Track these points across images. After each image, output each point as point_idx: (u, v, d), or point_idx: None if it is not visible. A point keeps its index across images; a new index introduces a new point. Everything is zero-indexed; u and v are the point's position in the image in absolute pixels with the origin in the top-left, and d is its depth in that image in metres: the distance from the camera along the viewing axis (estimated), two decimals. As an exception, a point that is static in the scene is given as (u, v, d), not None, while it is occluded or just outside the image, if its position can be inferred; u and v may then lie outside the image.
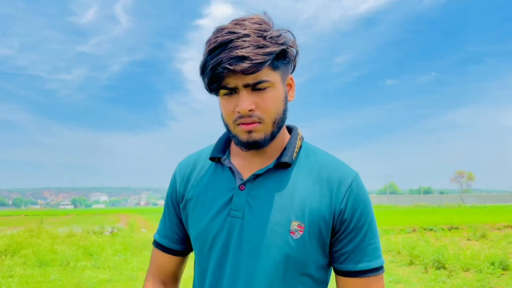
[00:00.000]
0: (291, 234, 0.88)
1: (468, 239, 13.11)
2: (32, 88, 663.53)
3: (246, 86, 0.86)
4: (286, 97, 0.94)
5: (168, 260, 1.10)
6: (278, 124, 0.92)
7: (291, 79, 0.98)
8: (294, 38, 0.93)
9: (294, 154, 0.96)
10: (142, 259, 9.71)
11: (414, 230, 15.35)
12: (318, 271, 0.94)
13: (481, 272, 7.09)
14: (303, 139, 1.02)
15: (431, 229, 15.66)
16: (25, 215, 43.05)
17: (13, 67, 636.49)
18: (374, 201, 71.96)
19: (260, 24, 0.88)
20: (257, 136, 0.89)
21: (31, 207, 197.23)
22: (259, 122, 0.88)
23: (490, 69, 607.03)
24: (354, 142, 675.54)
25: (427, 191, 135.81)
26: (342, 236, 0.91)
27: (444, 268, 7.82)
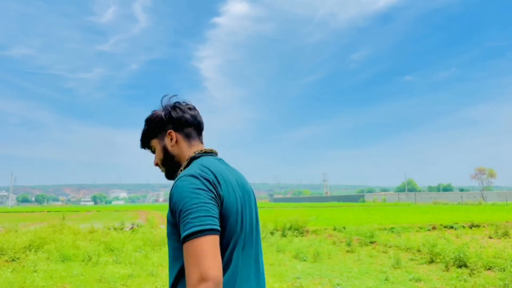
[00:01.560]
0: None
1: (490, 237, 12.87)
2: (53, 87, 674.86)
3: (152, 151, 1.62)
4: (165, 147, 1.52)
5: None
6: (169, 164, 1.53)
7: (170, 133, 1.51)
8: (171, 107, 1.53)
9: (179, 172, 1.47)
10: (161, 254, 9.83)
11: (433, 228, 15.13)
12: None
13: (504, 270, 6.96)
14: (193, 159, 1.47)
15: (452, 227, 15.41)
16: (47, 211, 43.96)
17: (34, 67, 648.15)
18: (392, 198, 70.91)
19: (149, 115, 1.58)
20: (164, 173, 1.57)
21: (53, 203, 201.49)
22: (159, 167, 1.58)
23: (511, 64, 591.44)
24: (371, 140, 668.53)
25: (447, 189, 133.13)
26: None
27: (466, 266, 7.71)
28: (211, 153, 1.52)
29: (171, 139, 1.51)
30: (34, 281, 6.94)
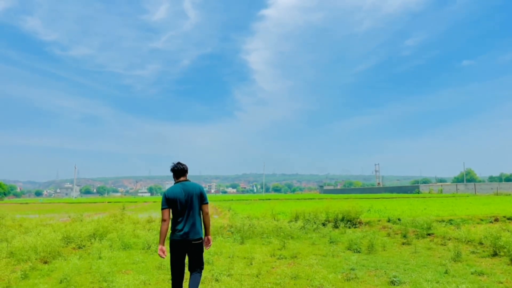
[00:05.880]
0: None
1: (561, 231, 11.99)
2: (111, 84, 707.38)
3: None
4: None
5: None
6: None
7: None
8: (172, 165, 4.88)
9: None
10: (216, 243, 10.09)
11: (496, 220, 14.34)
12: None
13: None
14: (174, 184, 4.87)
15: (517, 219, 14.50)
16: (108, 202, 46.45)
17: (94, 65, 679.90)
18: (450, 189, 67.90)
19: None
20: None
21: (112, 194, 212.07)
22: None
23: None
24: (425, 128, 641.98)
25: (510, 179, 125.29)
26: None
27: (533, 260, 7.27)
28: (178, 182, 4.71)
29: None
30: (99, 267, 7.36)
